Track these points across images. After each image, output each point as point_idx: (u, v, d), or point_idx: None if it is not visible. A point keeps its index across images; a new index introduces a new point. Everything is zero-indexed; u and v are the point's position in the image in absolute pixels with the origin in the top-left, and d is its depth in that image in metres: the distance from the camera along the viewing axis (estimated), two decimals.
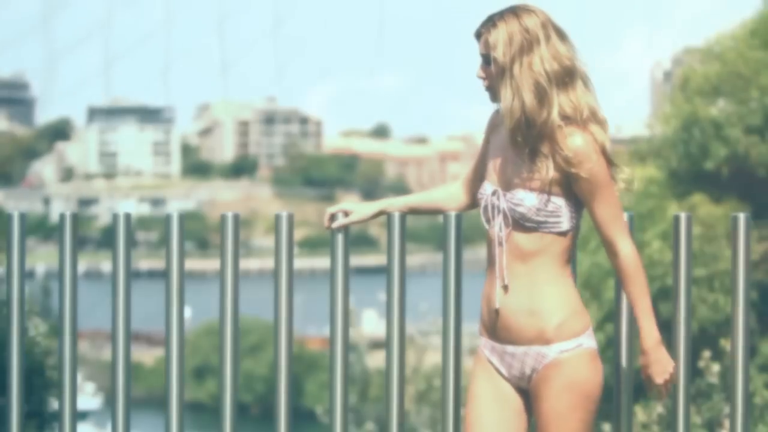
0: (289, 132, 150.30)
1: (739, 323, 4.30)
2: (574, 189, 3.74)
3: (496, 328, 3.82)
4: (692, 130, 20.10)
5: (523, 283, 3.77)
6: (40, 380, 7.80)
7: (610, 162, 3.76)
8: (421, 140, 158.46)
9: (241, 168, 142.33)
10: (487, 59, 3.78)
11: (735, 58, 20.23)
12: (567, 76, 3.74)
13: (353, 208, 4.17)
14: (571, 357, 3.75)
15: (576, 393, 3.75)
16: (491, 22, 3.78)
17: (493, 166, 3.85)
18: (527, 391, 3.84)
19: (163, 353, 4.36)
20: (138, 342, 59.24)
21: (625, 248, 3.79)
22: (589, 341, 3.78)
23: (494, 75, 3.77)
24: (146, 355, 57.82)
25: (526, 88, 3.72)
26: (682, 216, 4.32)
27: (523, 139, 3.75)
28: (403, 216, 4.25)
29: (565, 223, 3.75)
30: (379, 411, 21.45)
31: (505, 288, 3.78)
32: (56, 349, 7.41)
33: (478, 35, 3.81)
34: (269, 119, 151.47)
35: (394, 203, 4.20)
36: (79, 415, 4.44)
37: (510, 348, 3.81)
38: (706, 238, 18.96)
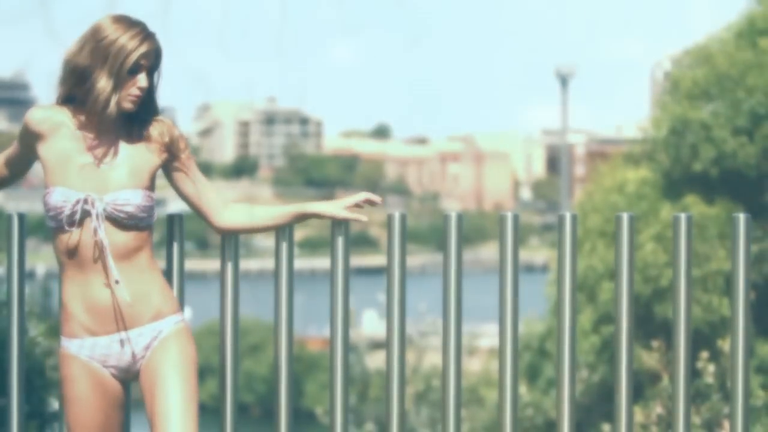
0: (290, 132, 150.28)
1: (739, 323, 4.30)
2: (172, 176, 4.03)
3: (104, 323, 3.89)
4: (683, 132, 20.17)
5: (128, 275, 3.89)
6: (41, 380, 7.80)
7: None
8: (422, 140, 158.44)
9: (242, 168, 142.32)
10: (151, 70, 3.91)
11: (723, 60, 20.28)
12: None
13: None
14: (182, 329, 3.96)
15: (190, 360, 3.94)
16: (150, 31, 3.92)
17: (72, 171, 3.88)
18: (133, 379, 3.97)
19: None
20: None
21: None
22: (185, 318, 4.02)
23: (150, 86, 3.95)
24: None
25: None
26: (682, 217, 4.32)
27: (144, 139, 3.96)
28: (404, 216, 4.26)
29: (154, 216, 3.96)
30: (379, 411, 21.45)
31: (106, 284, 3.88)
32: (56, 350, 7.41)
33: (157, 48, 3.91)
34: (270, 119, 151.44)
35: None
36: None
37: (121, 335, 3.90)
38: (698, 238, 18.97)
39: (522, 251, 4.69)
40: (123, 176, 3.89)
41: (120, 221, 3.87)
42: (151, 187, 3.94)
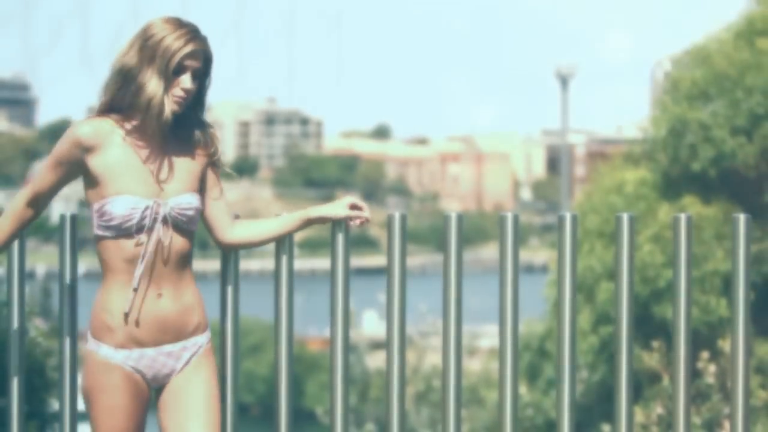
0: (290, 133, 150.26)
1: (740, 324, 4.30)
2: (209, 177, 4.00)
3: (153, 334, 3.87)
4: (682, 132, 20.18)
5: (174, 284, 3.89)
6: (41, 381, 7.79)
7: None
8: (422, 141, 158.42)
9: (242, 169, 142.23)
10: (197, 73, 3.86)
11: (722, 61, 20.30)
12: None
13: None
14: (210, 347, 4.01)
15: (216, 383, 3.99)
16: (201, 34, 3.86)
17: (131, 179, 3.82)
18: (161, 387, 3.95)
19: None
20: None
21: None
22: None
23: (195, 88, 3.88)
24: None
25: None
26: (682, 217, 4.32)
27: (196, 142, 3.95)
28: (404, 216, 4.26)
29: (198, 220, 3.97)
30: (379, 412, 21.46)
31: (159, 294, 3.87)
32: (56, 350, 7.41)
33: (206, 50, 3.86)
34: (270, 120, 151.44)
35: None
36: (79, 416, 4.43)
37: (167, 348, 3.90)
38: (695, 239, 18.96)
39: (522, 251, 4.69)
40: (179, 181, 3.87)
41: (181, 226, 3.85)
42: (198, 190, 3.93)
